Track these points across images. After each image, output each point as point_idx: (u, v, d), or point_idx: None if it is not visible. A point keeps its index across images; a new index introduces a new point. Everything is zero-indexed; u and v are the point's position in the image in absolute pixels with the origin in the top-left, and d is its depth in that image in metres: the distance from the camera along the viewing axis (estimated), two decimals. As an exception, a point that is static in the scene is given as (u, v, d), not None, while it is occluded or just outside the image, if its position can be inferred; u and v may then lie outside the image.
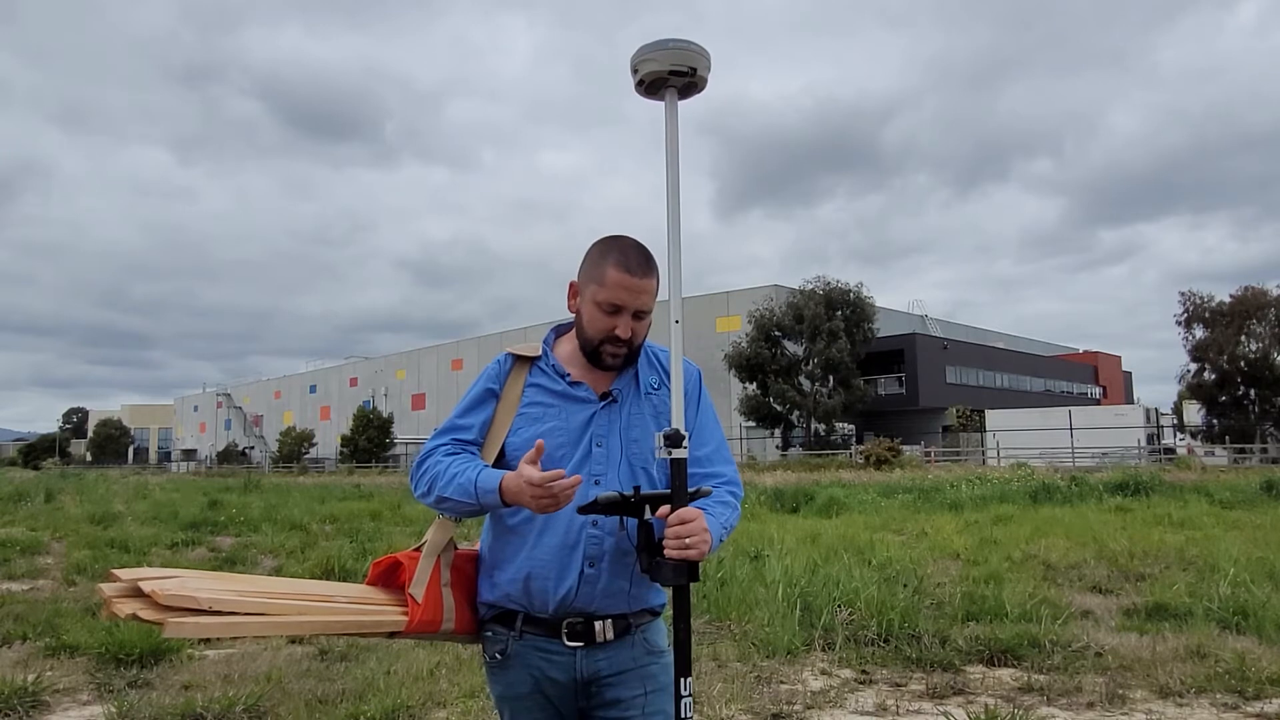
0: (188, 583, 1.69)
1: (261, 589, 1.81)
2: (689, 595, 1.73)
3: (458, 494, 1.79)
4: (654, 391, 1.92)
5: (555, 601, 1.79)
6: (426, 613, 1.83)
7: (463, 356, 65.90)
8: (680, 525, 1.66)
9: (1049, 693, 4.60)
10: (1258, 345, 40.58)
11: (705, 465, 1.90)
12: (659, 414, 1.89)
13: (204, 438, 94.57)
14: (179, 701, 4.41)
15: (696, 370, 1.98)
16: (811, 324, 41.63)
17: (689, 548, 1.65)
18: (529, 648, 1.82)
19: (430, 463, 1.87)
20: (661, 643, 1.91)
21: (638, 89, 1.82)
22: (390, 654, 5.44)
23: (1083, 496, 16.26)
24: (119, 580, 1.67)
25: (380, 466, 52.81)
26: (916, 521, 12.87)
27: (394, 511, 16.45)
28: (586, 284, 1.86)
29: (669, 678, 1.86)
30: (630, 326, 1.84)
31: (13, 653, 5.56)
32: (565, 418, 1.86)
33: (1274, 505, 14.40)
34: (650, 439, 1.86)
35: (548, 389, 1.89)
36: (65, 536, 12.25)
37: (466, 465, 1.81)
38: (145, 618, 1.59)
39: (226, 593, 1.70)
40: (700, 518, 1.68)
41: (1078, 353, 70.25)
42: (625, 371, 1.91)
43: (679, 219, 1.80)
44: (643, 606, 1.87)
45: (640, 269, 1.82)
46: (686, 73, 1.77)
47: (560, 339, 1.99)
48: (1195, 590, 6.78)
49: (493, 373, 1.95)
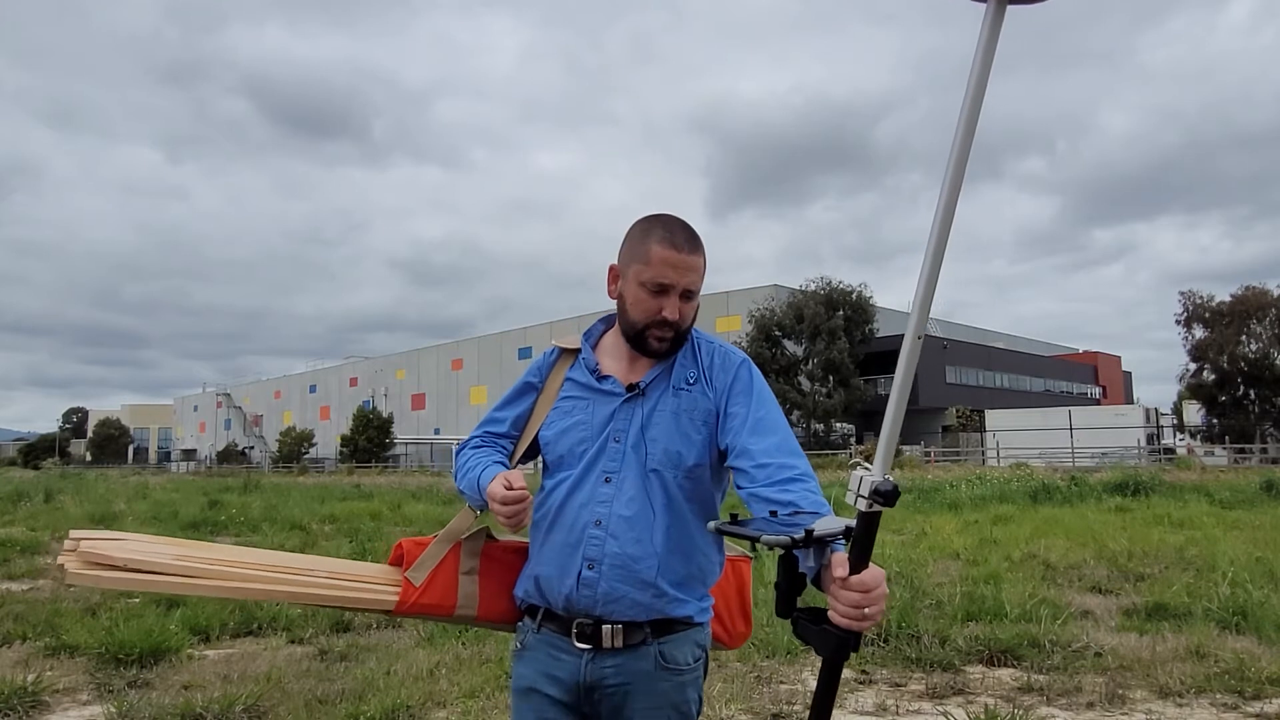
0: (126, 544, 1.78)
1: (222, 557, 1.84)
2: (842, 669, 1.45)
3: (468, 488, 1.83)
4: (687, 388, 1.78)
5: (561, 600, 1.75)
6: (429, 596, 1.83)
7: (463, 356, 65.84)
8: (864, 593, 1.36)
9: (1049, 693, 4.60)
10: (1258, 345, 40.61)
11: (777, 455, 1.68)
12: (683, 412, 1.76)
13: (204, 438, 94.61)
14: (179, 701, 4.40)
15: (741, 357, 1.85)
16: (812, 324, 41.67)
17: (866, 619, 1.37)
18: (543, 642, 1.80)
19: (462, 455, 1.92)
20: (683, 659, 1.75)
21: None
22: (390, 654, 5.44)
23: (1082, 496, 16.26)
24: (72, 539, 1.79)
25: (380, 466, 52.77)
26: (916, 521, 12.87)
27: (394, 511, 16.44)
28: (629, 264, 1.76)
29: (683, 696, 1.76)
30: (678, 308, 1.73)
31: (13, 653, 5.56)
32: (590, 412, 1.80)
33: (1274, 505, 14.40)
34: (669, 439, 1.74)
35: (579, 382, 1.85)
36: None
37: (479, 461, 1.84)
38: (67, 567, 1.71)
39: (161, 555, 1.76)
40: (884, 583, 1.40)
41: (1077, 353, 70.27)
42: (662, 362, 1.81)
43: (967, 160, 1.29)
44: (660, 616, 1.72)
45: (688, 244, 1.73)
46: None
47: (607, 331, 1.92)
48: (1195, 590, 6.77)
49: (537, 365, 1.94)
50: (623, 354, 1.84)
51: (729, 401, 1.77)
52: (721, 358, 1.83)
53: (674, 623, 1.74)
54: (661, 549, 1.72)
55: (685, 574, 1.75)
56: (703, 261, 1.75)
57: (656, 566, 1.71)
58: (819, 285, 43.26)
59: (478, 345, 65.67)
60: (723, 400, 1.78)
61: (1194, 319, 41.86)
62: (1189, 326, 42.10)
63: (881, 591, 1.38)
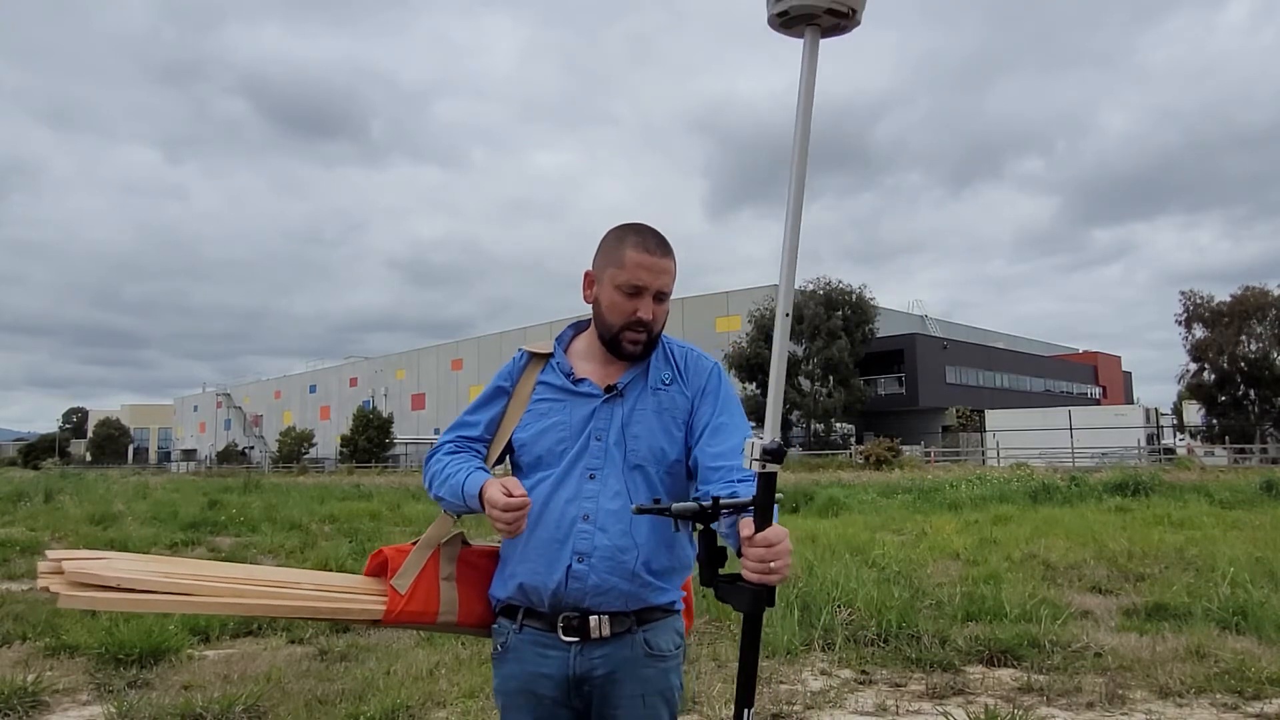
0: (114, 563, 1.75)
1: (206, 573, 1.83)
2: (761, 622, 1.59)
3: (449, 494, 1.83)
4: (664, 388, 1.87)
5: (548, 595, 1.78)
6: (414, 604, 1.85)
7: (463, 356, 65.88)
8: (766, 548, 1.50)
9: (1049, 693, 4.60)
10: (1258, 345, 40.61)
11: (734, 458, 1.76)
12: (663, 410, 1.85)
13: (204, 438, 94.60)
14: (178, 701, 4.40)
15: (712, 362, 1.94)
16: (812, 324, 41.67)
17: (772, 572, 1.50)
18: (527, 642, 1.83)
19: (434, 460, 1.93)
20: (666, 645, 1.83)
21: (773, 20, 1.54)
22: (390, 654, 5.45)
23: (1082, 497, 16.27)
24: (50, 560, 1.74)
25: (380, 466, 52.75)
26: (916, 522, 12.87)
27: (393, 511, 16.46)
28: (605, 269, 1.84)
29: (667, 682, 1.83)
30: (652, 309, 1.81)
31: (13, 653, 5.56)
32: (569, 413, 1.85)
33: (1274, 505, 14.41)
34: (652, 436, 1.83)
35: (554, 385, 1.90)
36: (65, 536, 12.25)
37: (459, 467, 1.85)
38: (54, 590, 1.66)
39: (150, 574, 1.74)
40: (786, 539, 1.52)
41: (1077, 353, 70.26)
42: (636, 365, 1.88)
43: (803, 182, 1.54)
44: (644, 605, 1.80)
45: (660, 249, 1.81)
46: (845, 13, 1.50)
47: (578, 336, 1.98)
48: (1195, 590, 6.78)
49: (506, 370, 1.97)
50: (596, 357, 1.90)
51: (698, 403, 1.87)
52: (695, 360, 1.93)
53: (656, 610, 1.82)
54: (646, 541, 1.78)
55: (668, 564, 1.83)
56: (674, 265, 1.83)
57: (643, 558, 1.78)
58: (819, 285, 43.26)
59: (477, 345, 65.67)
60: (695, 401, 1.88)
61: (1194, 319, 41.84)
62: (1189, 326, 42.10)
63: (785, 547, 1.50)
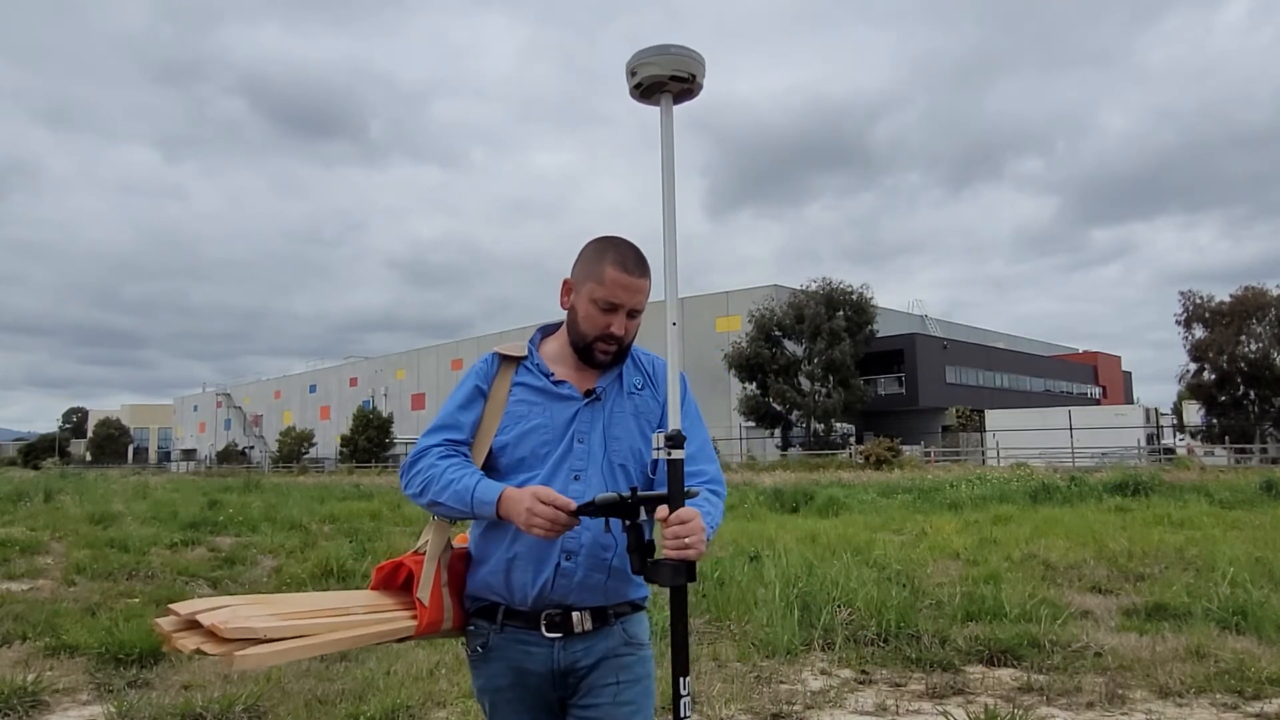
0: (239, 611, 1.70)
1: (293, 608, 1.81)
2: (686, 595, 1.75)
3: (453, 501, 1.82)
4: (637, 392, 1.96)
5: (534, 593, 1.82)
6: (432, 614, 1.87)
7: (462, 356, 65.85)
8: (679, 525, 1.67)
9: (1049, 693, 4.60)
10: (1258, 345, 40.57)
11: (689, 464, 1.88)
12: (640, 414, 1.94)
13: (204, 438, 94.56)
14: (178, 701, 4.41)
15: (681, 375, 1.98)
16: (812, 324, 41.64)
17: (688, 547, 1.67)
18: (509, 640, 1.86)
19: (424, 464, 1.89)
20: (642, 636, 1.94)
21: (633, 92, 1.84)
22: (390, 654, 5.44)
23: (1082, 496, 16.27)
24: (176, 615, 1.68)
25: (380, 466, 52.78)
26: (916, 521, 12.87)
27: (394, 511, 16.45)
28: (583, 282, 1.90)
29: (645, 670, 1.91)
30: (624, 325, 1.89)
31: (13, 653, 5.56)
32: (550, 415, 1.89)
33: (1274, 505, 14.41)
34: (631, 437, 1.91)
35: (532, 387, 1.93)
36: (65, 536, 12.24)
37: (463, 472, 1.84)
38: (210, 651, 1.61)
39: (272, 618, 1.71)
40: (698, 517, 1.70)
41: (1077, 353, 70.25)
42: (610, 371, 1.95)
43: (675, 222, 1.84)
44: (621, 599, 1.89)
45: (637, 269, 1.88)
46: (686, 79, 1.79)
47: (546, 339, 2.03)
48: (1195, 590, 6.78)
49: (481, 371, 1.98)
50: (569, 361, 1.96)
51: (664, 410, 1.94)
52: (662, 368, 2.01)
53: (632, 604, 1.93)
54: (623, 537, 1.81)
55: None
56: (649, 284, 1.92)
57: (620, 553, 1.83)
58: (819, 285, 43.25)
59: (477, 345, 65.61)
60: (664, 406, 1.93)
61: (1194, 319, 41.79)
62: (1189, 326, 42.03)
63: (696, 525, 1.68)
